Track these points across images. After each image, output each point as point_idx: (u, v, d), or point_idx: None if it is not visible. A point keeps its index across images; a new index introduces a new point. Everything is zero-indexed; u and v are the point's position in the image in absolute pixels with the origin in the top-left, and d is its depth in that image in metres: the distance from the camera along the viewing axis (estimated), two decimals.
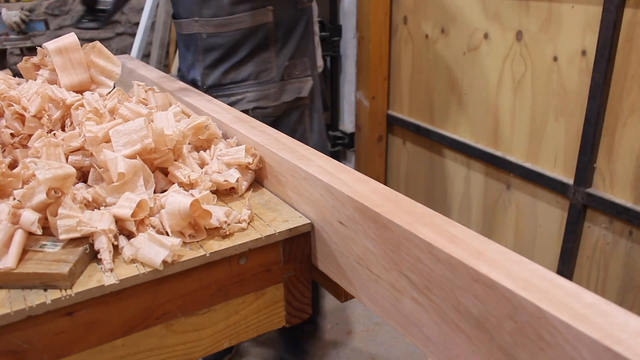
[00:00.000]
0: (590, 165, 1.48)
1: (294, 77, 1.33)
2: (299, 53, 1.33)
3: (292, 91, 1.34)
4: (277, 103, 1.31)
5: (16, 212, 0.56)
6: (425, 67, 2.08)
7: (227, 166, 0.73)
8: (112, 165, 0.62)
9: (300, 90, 1.35)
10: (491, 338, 0.43)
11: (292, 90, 1.34)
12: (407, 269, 0.50)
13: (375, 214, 0.53)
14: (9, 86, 0.83)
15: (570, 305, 0.37)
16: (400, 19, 2.16)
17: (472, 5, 1.79)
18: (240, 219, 0.64)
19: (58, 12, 2.81)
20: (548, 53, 1.57)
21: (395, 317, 0.54)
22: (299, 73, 1.34)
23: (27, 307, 0.50)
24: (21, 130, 0.76)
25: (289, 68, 1.32)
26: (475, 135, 1.91)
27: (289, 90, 1.33)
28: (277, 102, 1.31)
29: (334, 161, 0.66)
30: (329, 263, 0.64)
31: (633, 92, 1.35)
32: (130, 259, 0.57)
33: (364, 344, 1.93)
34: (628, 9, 1.33)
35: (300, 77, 1.34)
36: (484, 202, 1.95)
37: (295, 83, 1.34)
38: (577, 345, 0.35)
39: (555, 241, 1.69)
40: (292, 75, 1.33)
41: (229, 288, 0.62)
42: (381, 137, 2.39)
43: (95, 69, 0.88)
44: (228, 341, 0.65)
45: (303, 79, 1.35)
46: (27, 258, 0.54)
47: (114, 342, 0.56)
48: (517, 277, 0.41)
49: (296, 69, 1.33)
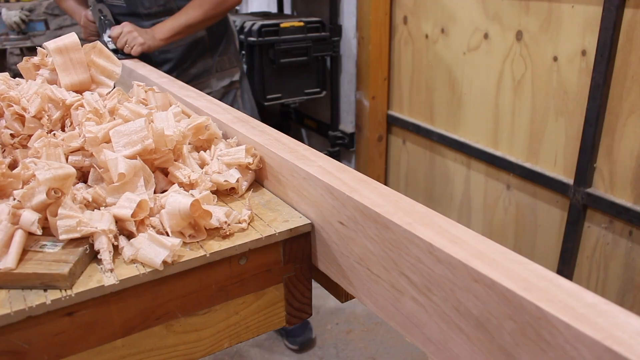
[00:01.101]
0: (590, 165, 1.48)
1: (225, 68, 1.76)
2: (225, 51, 1.76)
3: (226, 79, 1.76)
4: (217, 89, 1.75)
5: (16, 213, 0.56)
6: (425, 67, 2.08)
7: (227, 166, 0.73)
8: (113, 165, 0.62)
9: (232, 77, 1.78)
10: (491, 338, 0.43)
11: (225, 77, 1.76)
12: (407, 269, 0.50)
13: (376, 214, 0.53)
14: (9, 87, 0.83)
15: (570, 305, 0.37)
16: (400, 19, 2.16)
17: (472, 5, 1.79)
18: (241, 219, 0.64)
19: (58, 12, 2.81)
20: (548, 53, 1.57)
21: (395, 318, 0.54)
22: (228, 65, 1.76)
23: (27, 308, 0.50)
24: (21, 131, 0.76)
25: (219, 63, 1.74)
26: (475, 135, 1.91)
27: (224, 77, 1.76)
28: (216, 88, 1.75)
29: (334, 161, 0.66)
30: (329, 263, 0.64)
31: (633, 92, 1.35)
32: (130, 259, 0.56)
33: (364, 344, 1.93)
34: (628, 9, 1.33)
35: (229, 68, 1.77)
36: (484, 202, 1.95)
37: (227, 73, 1.77)
38: (577, 346, 0.35)
39: (555, 241, 1.69)
40: (224, 67, 1.76)
41: (229, 288, 0.62)
42: (381, 137, 2.39)
43: (95, 68, 0.88)
44: (228, 341, 0.65)
45: (232, 69, 1.78)
46: (27, 258, 0.54)
47: (114, 342, 0.56)
48: (517, 277, 0.41)
49: (225, 63, 1.75)
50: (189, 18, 1.53)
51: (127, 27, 1.50)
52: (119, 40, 1.51)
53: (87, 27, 1.70)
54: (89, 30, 1.70)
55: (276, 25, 2.20)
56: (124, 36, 1.50)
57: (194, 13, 1.53)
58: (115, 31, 1.51)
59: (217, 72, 1.75)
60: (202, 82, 1.72)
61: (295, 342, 1.87)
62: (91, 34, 1.70)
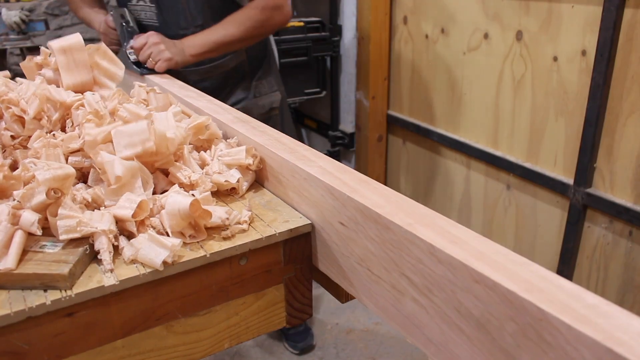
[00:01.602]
0: (590, 165, 1.48)
1: (264, 93, 1.55)
2: (264, 74, 1.56)
3: (265, 105, 1.56)
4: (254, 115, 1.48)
5: (16, 213, 0.56)
6: (425, 67, 2.08)
7: (227, 167, 0.73)
8: (109, 168, 0.62)
9: (272, 103, 1.57)
10: (492, 339, 0.43)
11: (265, 104, 1.55)
12: (408, 269, 0.50)
13: (376, 215, 0.53)
14: (8, 88, 0.83)
15: (571, 306, 0.37)
16: (400, 19, 2.16)
17: (472, 5, 1.79)
18: (241, 219, 0.63)
19: (58, 12, 2.81)
20: (548, 53, 1.57)
21: (396, 318, 0.54)
22: (267, 90, 1.56)
23: (27, 308, 0.50)
24: (21, 132, 0.76)
25: (258, 87, 1.54)
26: (475, 135, 1.91)
27: (262, 104, 1.55)
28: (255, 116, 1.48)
29: (334, 161, 0.66)
30: (329, 264, 0.64)
31: (633, 92, 1.35)
32: (130, 259, 0.56)
33: (364, 344, 1.93)
34: (628, 9, 1.33)
35: (269, 92, 1.56)
36: (484, 202, 1.95)
37: (266, 98, 1.56)
38: (578, 347, 0.35)
39: (555, 241, 1.69)
40: (262, 92, 1.55)
41: (229, 289, 0.62)
42: (381, 137, 2.39)
43: (98, 70, 0.88)
44: (228, 342, 0.65)
45: (272, 93, 1.57)
46: (27, 259, 0.54)
47: (114, 343, 0.56)
48: (518, 278, 0.41)
49: (264, 86, 1.55)
50: (227, 35, 1.32)
51: (153, 38, 1.29)
52: (143, 52, 1.29)
53: (107, 35, 1.45)
54: (109, 38, 1.45)
55: None
56: (148, 48, 1.29)
57: (232, 29, 1.32)
58: (139, 41, 1.30)
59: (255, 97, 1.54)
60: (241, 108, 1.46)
61: (297, 347, 1.88)
62: (111, 42, 1.46)
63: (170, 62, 1.28)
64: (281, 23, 1.40)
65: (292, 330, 1.89)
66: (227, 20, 1.33)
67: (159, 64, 1.27)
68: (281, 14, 1.38)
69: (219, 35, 1.32)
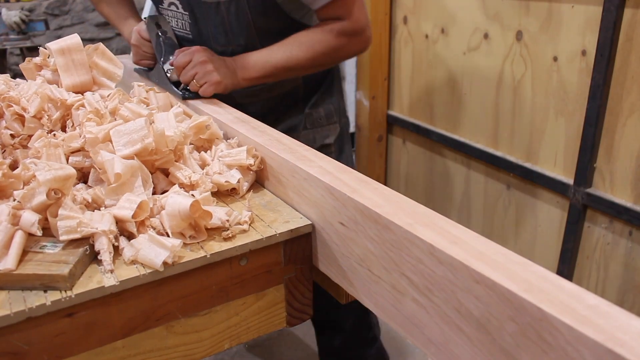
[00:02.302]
0: (590, 165, 1.48)
1: (318, 125, 1.26)
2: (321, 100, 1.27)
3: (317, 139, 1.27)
4: None
5: (16, 213, 0.56)
6: (425, 67, 2.08)
7: (228, 167, 0.73)
8: (109, 166, 0.62)
9: (326, 137, 1.27)
10: (492, 339, 0.43)
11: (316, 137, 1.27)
12: (408, 270, 0.50)
13: (376, 215, 0.53)
14: (9, 87, 0.83)
15: (572, 307, 0.37)
16: (400, 19, 2.16)
17: (472, 5, 1.79)
18: (241, 220, 0.63)
19: (58, 12, 2.81)
20: (548, 53, 1.57)
21: (396, 318, 0.54)
22: (323, 121, 1.27)
23: (27, 309, 0.50)
24: (21, 131, 0.76)
25: (310, 116, 1.25)
26: (475, 135, 1.91)
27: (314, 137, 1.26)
28: None
29: (334, 162, 0.66)
30: (329, 264, 0.64)
31: (633, 92, 1.35)
32: (130, 260, 0.56)
33: None
34: (628, 9, 1.33)
35: (324, 125, 1.27)
36: (484, 202, 1.95)
37: (320, 131, 1.27)
38: (579, 347, 0.35)
39: (555, 241, 1.69)
40: (316, 124, 1.26)
41: (229, 289, 0.62)
42: (381, 137, 2.39)
43: (97, 70, 0.88)
44: (229, 342, 0.65)
45: (329, 126, 1.28)
46: (27, 259, 0.54)
47: (114, 343, 0.56)
48: (518, 278, 0.41)
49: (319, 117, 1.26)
50: (291, 58, 1.07)
51: (199, 55, 1.04)
52: (186, 71, 1.04)
53: (139, 48, 1.18)
54: (142, 52, 1.19)
55: None
56: (193, 67, 1.03)
57: (299, 53, 1.07)
58: (183, 59, 1.04)
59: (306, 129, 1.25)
60: None
61: None
62: (144, 57, 1.20)
63: (219, 86, 1.03)
64: (359, 52, 1.15)
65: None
66: (293, 41, 1.08)
67: (205, 88, 1.03)
68: (360, 41, 1.12)
69: (280, 57, 1.07)
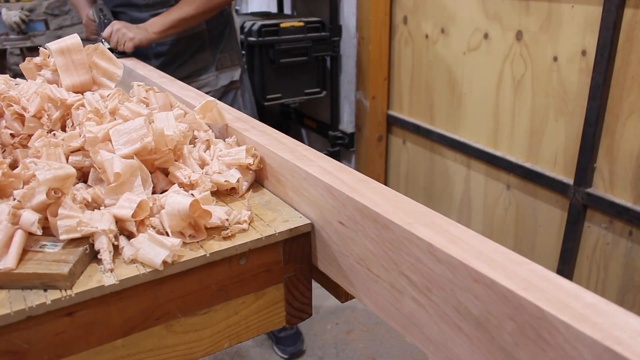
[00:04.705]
0: (590, 165, 1.48)
1: (226, 66, 1.72)
2: (226, 48, 1.73)
3: (227, 77, 1.72)
4: (217, 88, 1.72)
5: (16, 213, 0.56)
6: (425, 67, 2.08)
7: (227, 167, 0.73)
8: (109, 165, 0.62)
9: (233, 76, 1.74)
10: (491, 338, 0.43)
11: (226, 76, 1.72)
12: (407, 269, 0.50)
13: (376, 214, 0.53)
14: (9, 87, 0.83)
15: (570, 305, 0.37)
16: (400, 19, 2.16)
17: (472, 5, 1.79)
18: (241, 219, 0.64)
19: (58, 12, 2.81)
20: (548, 53, 1.57)
21: (395, 318, 0.54)
22: (229, 63, 1.73)
23: (27, 308, 0.50)
24: (21, 131, 0.76)
25: (220, 60, 1.71)
26: (475, 135, 1.91)
27: (224, 77, 1.72)
28: (216, 87, 1.72)
29: (334, 161, 0.66)
30: (329, 263, 0.64)
31: (633, 92, 1.35)
32: (130, 259, 0.56)
33: (364, 344, 1.93)
34: (628, 9, 1.33)
35: (230, 66, 1.73)
36: (484, 202, 1.95)
37: (228, 71, 1.73)
38: (577, 346, 0.35)
39: (555, 241, 1.69)
40: (225, 65, 1.72)
41: (229, 288, 0.62)
42: (381, 137, 2.39)
43: (97, 70, 0.88)
44: (228, 341, 0.65)
45: (233, 67, 1.74)
46: (27, 258, 0.54)
47: (114, 342, 0.56)
48: (517, 277, 0.41)
49: (227, 60, 1.72)
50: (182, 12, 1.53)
51: (115, 25, 1.50)
52: (111, 39, 1.51)
53: (88, 26, 1.72)
54: (90, 29, 1.71)
55: (276, 25, 2.20)
56: (114, 34, 1.50)
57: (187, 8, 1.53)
58: (107, 31, 1.52)
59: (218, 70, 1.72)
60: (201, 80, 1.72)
61: (286, 351, 1.87)
62: (92, 32, 1.72)
63: (134, 40, 1.47)
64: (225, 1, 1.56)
65: (283, 334, 1.89)
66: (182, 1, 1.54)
67: (126, 45, 1.47)
68: None
69: (175, 14, 1.51)
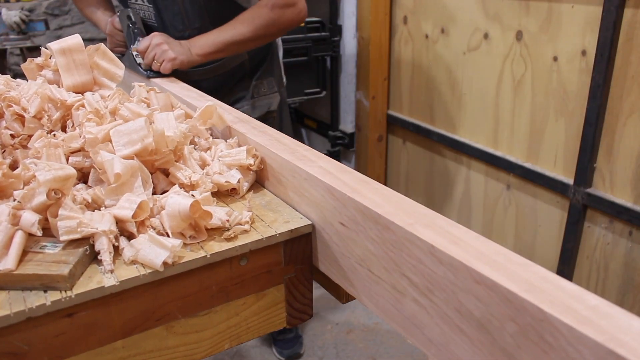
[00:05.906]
0: (590, 165, 1.48)
1: (262, 94, 1.49)
2: (265, 74, 1.50)
3: (263, 107, 1.49)
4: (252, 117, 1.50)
5: (16, 214, 0.56)
6: (425, 67, 2.08)
7: (228, 167, 0.73)
8: (109, 166, 0.62)
9: (270, 105, 1.51)
10: (493, 340, 0.42)
11: (262, 106, 1.49)
12: (408, 270, 0.50)
13: (377, 215, 0.53)
14: (9, 87, 0.83)
15: (573, 307, 0.37)
16: (400, 19, 2.16)
17: (472, 5, 1.79)
18: (242, 220, 0.63)
19: (58, 12, 2.81)
20: (548, 53, 1.57)
21: (396, 319, 0.54)
22: (266, 90, 1.50)
23: (27, 309, 0.50)
24: (21, 131, 0.76)
25: (257, 87, 1.49)
26: (475, 135, 1.91)
27: (260, 106, 1.49)
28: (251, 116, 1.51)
29: (334, 162, 0.66)
30: (329, 264, 0.64)
31: (633, 92, 1.35)
32: (130, 260, 0.56)
33: (364, 344, 1.93)
34: (628, 9, 1.33)
35: (268, 94, 1.50)
36: (484, 202, 1.95)
37: (265, 99, 1.50)
38: (579, 348, 0.35)
39: (555, 241, 1.69)
40: (261, 93, 1.49)
41: (229, 289, 0.62)
42: (381, 137, 2.39)
43: (98, 70, 0.88)
44: (229, 342, 0.65)
45: (271, 95, 1.51)
46: (27, 259, 0.54)
47: (114, 343, 0.56)
48: (519, 278, 0.41)
49: (264, 87, 1.50)
50: (236, 34, 1.27)
51: (156, 39, 1.26)
52: (147, 54, 1.26)
53: (113, 36, 1.43)
54: (115, 39, 1.43)
55: None
56: (152, 50, 1.25)
57: (242, 29, 1.28)
58: (143, 44, 1.27)
59: (253, 97, 1.49)
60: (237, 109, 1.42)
61: (283, 354, 1.87)
62: (117, 44, 1.44)
63: (175, 61, 1.23)
64: (294, 21, 1.33)
65: (282, 336, 1.88)
66: (236, 20, 1.29)
67: (164, 65, 1.23)
68: (294, 11, 1.32)
69: (227, 35, 1.27)
